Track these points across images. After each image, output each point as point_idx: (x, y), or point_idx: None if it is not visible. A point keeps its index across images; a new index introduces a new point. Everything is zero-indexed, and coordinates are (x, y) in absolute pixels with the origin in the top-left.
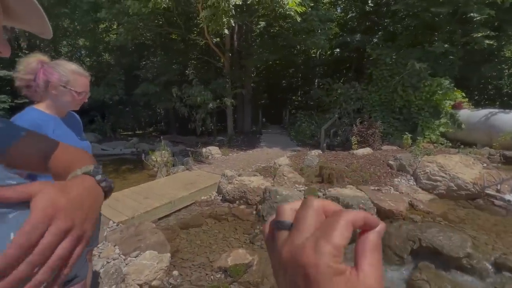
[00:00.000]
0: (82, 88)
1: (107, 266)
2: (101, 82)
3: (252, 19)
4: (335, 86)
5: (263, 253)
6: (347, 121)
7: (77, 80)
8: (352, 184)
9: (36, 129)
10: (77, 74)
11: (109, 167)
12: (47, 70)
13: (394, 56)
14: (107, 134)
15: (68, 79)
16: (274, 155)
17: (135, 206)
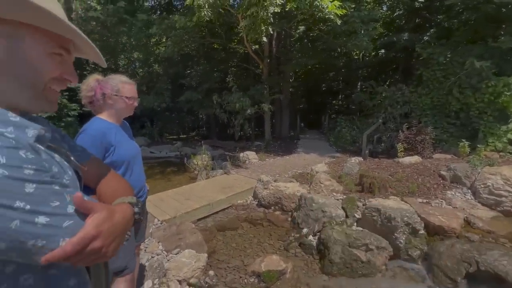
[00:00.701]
0: (130, 94)
1: (152, 261)
2: (151, 91)
3: (291, 25)
4: (380, 89)
5: (297, 261)
6: (392, 126)
7: (125, 88)
8: (396, 195)
9: (104, 135)
10: (124, 82)
11: (156, 169)
12: (102, 85)
13: (449, 55)
14: (155, 138)
15: (118, 88)
16: (312, 161)
17: (177, 207)
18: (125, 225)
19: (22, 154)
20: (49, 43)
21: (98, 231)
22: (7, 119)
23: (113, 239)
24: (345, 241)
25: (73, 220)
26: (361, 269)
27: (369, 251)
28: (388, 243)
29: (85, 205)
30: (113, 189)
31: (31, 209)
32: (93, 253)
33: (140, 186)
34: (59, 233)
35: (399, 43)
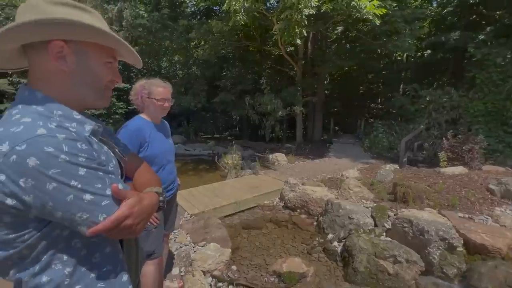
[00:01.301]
0: (160, 96)
1: (180, 250)
2: (189, 91)
3: (327, 26)
4: (423, 93)
5: (319, 266)
6: (436, 133)
7: (157, 90)
8: (433, 208)
9: (139, 131)
10: (156, 85)
11: (189, 166)
12: (141, 89)
13: (508, 55)
14: (190, 137)
15: (150, 91)
16: (343, 166)
17: (206, 202)
18: (151, 209)
19: (78, 145)
20: (104, 54)
21: (130, 212)
22: (73, 117)
23: (141, 219)
24: (371, 250)
25: (109, 200)
26: (387, 281)
27: (397, 263)
28: (419, 257)
29: (120, 192)
30: (145, 179)
31: (82, 188)
32: (125, 228)
33: (171, 179)
34: (98, 210)
35: (449, 42)
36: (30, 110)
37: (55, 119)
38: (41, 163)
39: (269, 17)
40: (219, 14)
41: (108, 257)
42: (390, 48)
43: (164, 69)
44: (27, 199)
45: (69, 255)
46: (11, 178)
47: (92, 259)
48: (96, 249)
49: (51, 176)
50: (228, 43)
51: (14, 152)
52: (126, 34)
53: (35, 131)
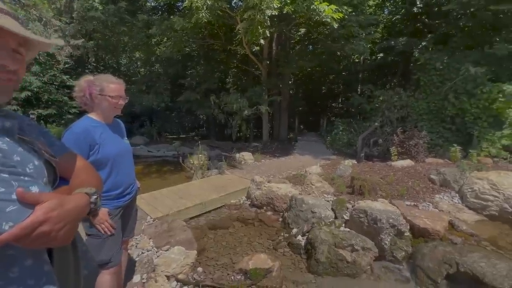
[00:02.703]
0: (114, 93)
1: (141, 256)
2: (151, 90)
3: (290, 28)
4: (378, 93)
5: (285, 260)
6: (389, 130)
7: (110, 87)
8: (385, 198)
9: (87, 132)
10: (109, 82)
11: (153, 168)
12: (89, 85)
13: (445, 60)
14: (154, 137)
15: (102, 87)
16: (307, 163)
17: (170, 205)
18: (77, 213)
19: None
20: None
21: (46, 217)
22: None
23: (64, 224)
24: (332, 241)
25: (16, 206)
26: (346, 269)
27: (354, 251)
28: (373, 244)
29: (29, 196)
30: (80, 180)
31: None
32: (41, 236)
33: (128, 183)
34: (2, 217)
35: (398, 47)
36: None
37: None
38: None
39: (233, 16)
40: (182, 10)
41: (29, 270)
42: (347, 51)
43: (124, 66)
44: None
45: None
46: None
47: (10, 273)
48: (13, 262)
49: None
50: (192, 40)
51: None
52: (77, 27)
53: None
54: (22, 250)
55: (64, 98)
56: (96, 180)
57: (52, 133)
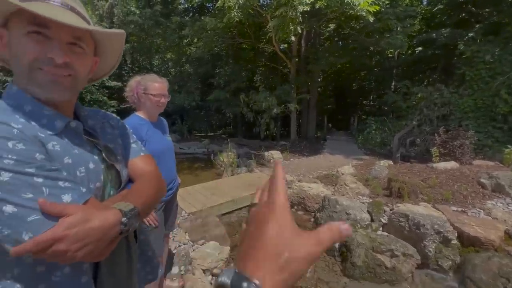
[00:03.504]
0: (156, 91)
1: (179, 249)
2: (182, 89)
3: (321, 23)
4: (415, 90)
5: (318, 262)
6: (428, 129)
7: (152, 86)
8: (427, 202)
9: (135, 130)
10: (152, 81)
11: (184, 164)
12: (137, 85)
13: (497, 53)
14: (184, 135)
15: (145, 87)
16: (338, 163)
17: (203, 201)
18: (102, 233)
19: (10, 144)
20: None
21: (64, 234)
22: (43, 113)
23: (84, 244)
24: (369, 245)
25: (39, 215)
26: (385, 275)
27: (394, 257)
28: (415, 250)
29: (51, 207)
30: (136, 188)
31: (1, 196)
32: (56, 255)
33: (170, 178)
34: (23, 226)
35: (439, 40)
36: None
37: (19, 114)
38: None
39: (263, 14)
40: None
41: (66, 279)
42: (383, 45)
43: (156, 67)
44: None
45: (20, 270)
46: None
47: (52, 277)
48: (57, 266)
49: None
50: (221, 40)
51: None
52: None
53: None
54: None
55: (104, 98)
56: (152, 188)
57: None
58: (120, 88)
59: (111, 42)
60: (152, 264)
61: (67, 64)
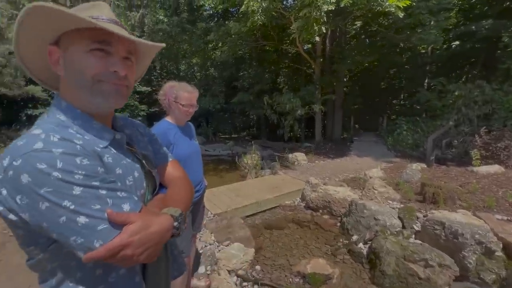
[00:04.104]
0: (184, 101)
1: (205, 249)
2: (207, 93)
3: (346, 22)
4: (451, 87)
5: (345, 268)
6: (467, 129)
7: (182, 95)
8: (467, 209)
9: (163, 135)
10: (182, 90)
11: (210, 166)
12: (170, 91)
13: None
14: (209, 137)
15: (177, 95)
16: (365, 166)
17: (228, 202)
18: (160, 237)
19: (77, 160)
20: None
21: (129, 241)
22: (92, 126)
23: (146, 248)
24: (400, 253)
25: (107, 225)
26: (418, 286)
27: (429, 267)
28: (453, 261)
29: (118, 217)
30: (170, 195)
31: (75, 209)
32: (124, 259)
33: (197, 180)
34: (94, 235)
35: (479, 32)
36: (50, 120)
37: (72, 129)
38: (33, 180)
39: (286, 16)
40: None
41: (122, 279)
42: (414, 41)
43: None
44: (24, 216)
45: (82, 273)
46: (10, 194)
47: (109, 278)
48: (112, 268)
49: (43, 195)
50: (245, 43)
51: (12, 167)
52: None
53: (32, 145)
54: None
55: (135, 102)
56: (187, 193)
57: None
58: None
59: (150, 53)
60: (178, 262)
61: (126, 76)
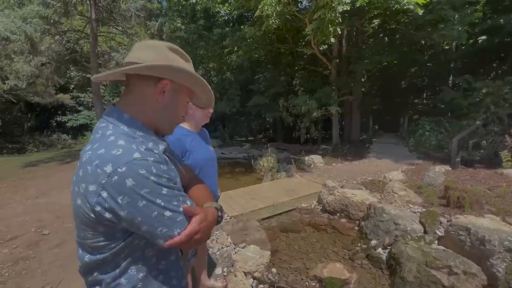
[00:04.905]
0: None
1: (222, 251)
2: (223, 97)
3: (363, 21)
4: (479, 84)
5: (363, 273)
6: (496, 129)
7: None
8: (495, 214)
9: (180, 141)
10: None
11: (226, 169)
12: None
13: None
14: (226, 140)
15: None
16: (385, 168)
17: (244, 205)
18: (214, 224)
19: (162, 166)
20: (187, 96)
21: (199, 228)
22: (151, 138)
23: (207, 234)
24: (422, 259)
25: (182, 217)
26: None
27: (453, 274)
28: (479, 269)
29: (190, 210)
30: (199, 194)
31: (164, 205)
32: (195, 242)
33: (214, 188)
34: (175, 225)
35: (509, 25)
36: (119, 131)
37: (138, 140)
38: (136, 183)
39: (301, 18)
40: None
41: (172, 264)
42: (436, 38)
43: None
44: (122, 214)
45: (142, 262)
46: (111, 195)
47: (159, 266)
48: (163, 257)
49: (142, 195)
50: (260, 47)
51: (116, 173)
52: None
53: (132, 154)
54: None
55: None
56: (210, 193)
57: None
58: None
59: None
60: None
61: None
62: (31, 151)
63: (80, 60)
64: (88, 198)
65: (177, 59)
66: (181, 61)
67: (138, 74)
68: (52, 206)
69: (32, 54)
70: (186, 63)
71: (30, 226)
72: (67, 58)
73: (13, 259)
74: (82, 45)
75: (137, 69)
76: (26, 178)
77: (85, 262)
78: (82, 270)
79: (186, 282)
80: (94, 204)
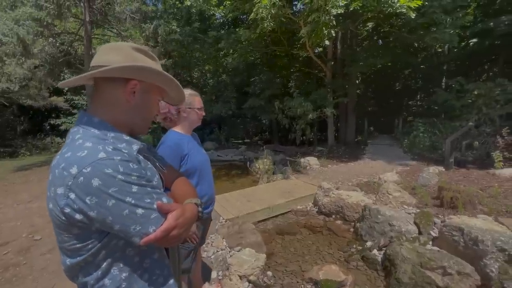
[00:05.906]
0: (199, 105)
1: (217, 254)
2: (219, 99)
3: (357, 24)
4: (471, 86)
5: (359, 275)
6: (488, 130)
7: (195, 100)
8: (488, 214)
9: (178, 145)
10: (193, 95)
11: (222, 171)
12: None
13: None
14: (222, 143)
15: (190, 101)
16: (380, 169)
17: (240, 207)
18: (193, 220)
19: (131, 165)
20: (158, 94)
21: (176, 223)
22: (123, 138)
23: (185, 229)
24: (416, 260)
25: (157, 214)
26: None
27: (447, 275)
28: (473, 269)
29: (164, 207)
30: (183, 191)
31: (135, 203)
32: (172, 238)
33: (210, 194)
34: (149, 222)
35: (499, 28)
36: (89, 134)
37: (109, 141)
38: (103, 183)
39: (296, 21)
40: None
41: (155, 262)
42: (428, 41)
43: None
44: (92, 214)
45: (124, 262)
46: (79, 196)
47: (143, 264)
48: (146, 255)
49: (110, 194)
50: (255, 49)
51: (82, 174)
52: (161, 50)
53: (97, 155)
54: (152, 246)
55: None
56: (193, 190)
57: None
58: None
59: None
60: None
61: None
62: (23, 155)
63: (74, 62)
64: (58, 200)
65: (144, 59)
66: (148, 60)
67: (106, 77)
68: (45, 211)
69: (24, 57)
70: (153, 62)
71: (22, 231)
72: (60, 60)
73: (3, 266)
74: (76, 48)
75: (106, 72)
76: (19, 182)
77: (67, 266)
78: (67, 274)
79: (173, 280)
80: (63, 206)
